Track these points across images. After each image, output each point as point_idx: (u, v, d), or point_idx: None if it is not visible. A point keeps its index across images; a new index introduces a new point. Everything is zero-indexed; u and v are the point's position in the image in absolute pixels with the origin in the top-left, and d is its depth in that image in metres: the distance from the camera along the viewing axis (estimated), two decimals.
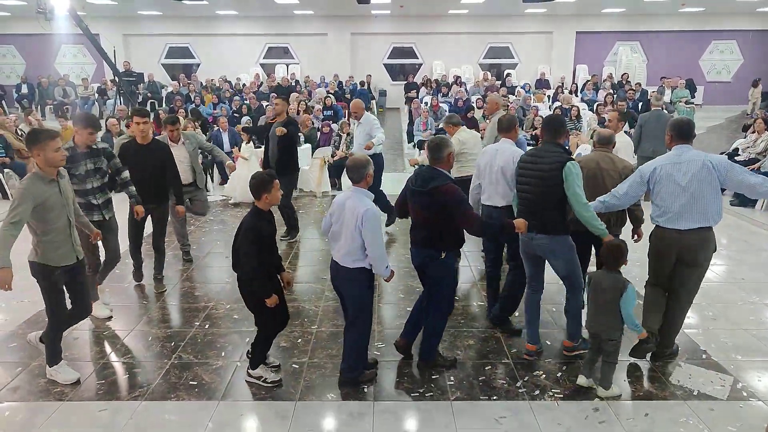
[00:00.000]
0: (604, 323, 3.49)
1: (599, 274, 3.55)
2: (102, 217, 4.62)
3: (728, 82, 19.32)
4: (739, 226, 7.43)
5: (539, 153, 3.78)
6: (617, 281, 3.44)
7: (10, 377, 3.81)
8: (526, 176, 3.79)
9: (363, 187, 3.47)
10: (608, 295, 3.45)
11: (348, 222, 3.38)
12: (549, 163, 3.64)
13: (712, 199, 3.61)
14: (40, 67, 18.23)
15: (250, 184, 3.44)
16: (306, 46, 19.40)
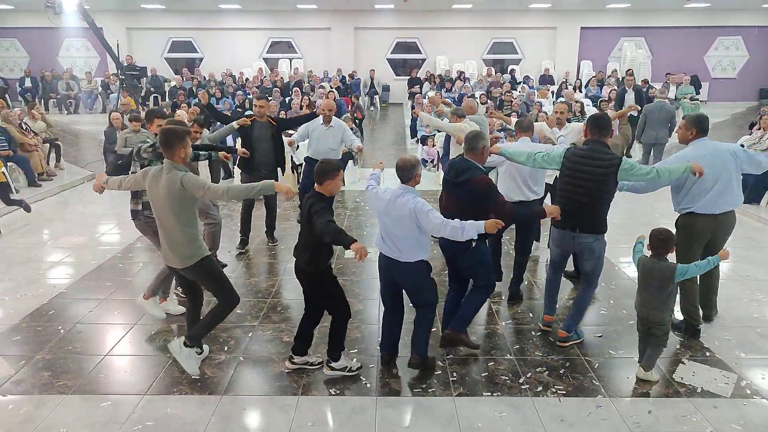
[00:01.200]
0: (655, 308, 3.60)
1: (648, 261, 3.65)
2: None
3: (733, 78, 19.22)
4: (743, 222, 7.40)
5: (590, 154, 3.82)
6: (666, 267, 3.57)
7: (14, 370, 3.82)
8: (578, 177, 3.82)
9: (412, 186, 3.53)
10: (657, 281, 3.56)
11: (403, 218, 3.43)
12: (605, 166, 3.73)
13: (737, 185, 4.10)
14: (44, 61, 18.21)
15: (317, 169, 3.45)
16: (309, 40, 19.35)
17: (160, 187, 3.40)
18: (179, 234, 3.45)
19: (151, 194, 3.48)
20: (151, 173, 3.48)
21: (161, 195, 3.40)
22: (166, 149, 3.42)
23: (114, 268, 5.76)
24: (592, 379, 3.73)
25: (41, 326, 4.47)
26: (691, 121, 4.27)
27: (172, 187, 3.35)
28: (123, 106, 11.53)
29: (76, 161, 11.20)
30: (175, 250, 3.50)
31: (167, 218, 3.44)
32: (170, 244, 3.50)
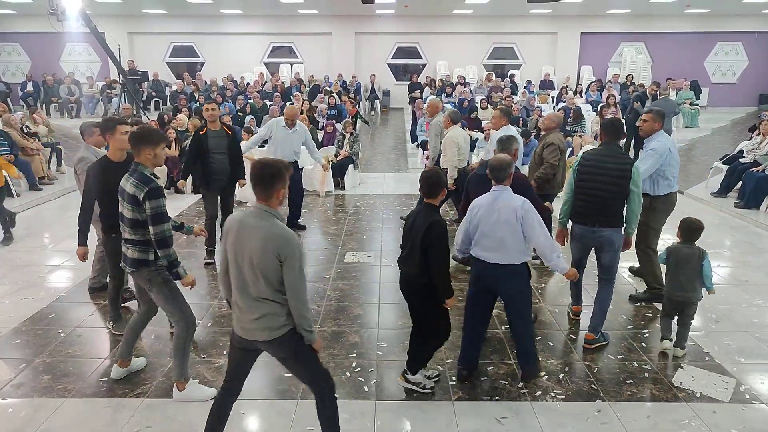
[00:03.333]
0: (690, 289, 3.98)
1: (679, 248, 4.04)
2: None
3: (733, 83, 19.25)
4: (742, 227, 7.41)
5: (608, 154, 4.12)
6: (699, 251, 4.00)
7: (14, 374, 3.83)
8: (598, 176, 4.07)
9: (507, 185, 3.56)
10: (691, 264, 3.97)
11: (506, 219, 3.43)
12: (622, 165, 4.03)
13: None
14: (46, 65, 18.28)
15: (428, 181, 3.32)
16: (310, 45, 19.41)
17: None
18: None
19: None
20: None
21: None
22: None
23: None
24: (591, 383, 3.73)
25: (41, 330, 4.48)
26: (657, 115, 4.85)
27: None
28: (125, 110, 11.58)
29: None
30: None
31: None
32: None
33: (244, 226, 2.58)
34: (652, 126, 4.83)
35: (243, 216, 2.63)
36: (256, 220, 2.56)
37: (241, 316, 2.65)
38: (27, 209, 8.31)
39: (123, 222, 3.33)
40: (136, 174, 3.24)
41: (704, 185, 9.37)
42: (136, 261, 3.35)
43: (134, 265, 3.36)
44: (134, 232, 3.29)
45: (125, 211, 3.27)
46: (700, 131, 14.89)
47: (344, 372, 3.86)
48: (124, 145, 3.85)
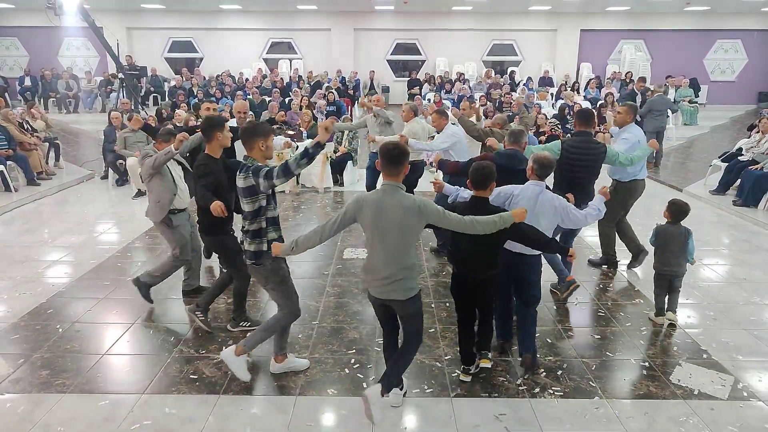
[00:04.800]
0: (680, 264, 4.44)
1: (667, 228, 4.48)
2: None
3: (732, 81, 19.26)
4: (740, 225, 7.42)
5: (585, 143, 4.84)
6: (684, 230, 4.45)
7: (12, 369, 3.82)
8: (581, 162, 4.79)
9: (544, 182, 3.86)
10: (679, 242, 4.41)
11: (545, 212, 3.73)
12: (597, 150, 4.82)
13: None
14: (44, 60, 18.21)
15: (480, 173, 3.38)
16: (309, 41, 19.37)
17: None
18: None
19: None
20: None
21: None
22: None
23: (113, 268, 5.76)
24: (590, 380, 3.74)
25: (40, 325, 4.47)
26: (630, 108, 5.49)
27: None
28: (123, 105, 11.55)
29: (75, 160, 11.20)
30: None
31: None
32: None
33: (383, 204, 2.99)
34: (625, 118, 5.42)
35: (378, 196, 3.02)
36: (391, 197, 2.98)
37: (385, 280, 3.06)
38: (25, 204, 8.29)
39: (245, 217, 3.44)
40: (245, 168, 3.32)
41: (703, 183, 9.38)
42: (254, 253, 3.45)
43: (253, 257, 3.46)
44: (251, 222, 3.42)
45: (245, 205, 3.37)
46: (699, 129, 14.90)
47: (343, 368, 3.86)
48: (227, 143, 4.11)
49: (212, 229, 4.16)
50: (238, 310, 4.41)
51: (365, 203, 3.03)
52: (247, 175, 3.30)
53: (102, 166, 10.10)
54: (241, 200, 3.40)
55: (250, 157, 3.38)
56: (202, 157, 4.06)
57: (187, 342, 4.22)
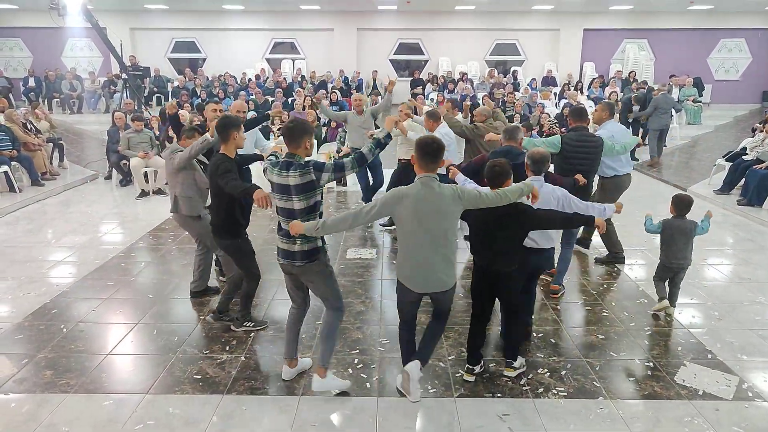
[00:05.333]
0: (685, 257, 4.56)
1: (673, 222, 4.59)
2: None
3: (737, 80, 19.18)
4: (745, 225, 7.39)
5: (583, 137, 5.14)
6: (690, 223, 4.55)
7: (16, 369, 3.83)
8: (582, 155, 5.06)
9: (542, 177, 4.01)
10: (685, 235, 4.52)
11: (549, 205, 3.84)
12: (596, 143, 5.13)
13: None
14: (47, 61, 18.25)
15: (493, 171, 3.44)
16: (312, 41, 19.36)
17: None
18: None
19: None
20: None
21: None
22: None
23: (116, 268, 5.77)
24: (594, 380, 3.73)
25: (44, 325, 4.49)
26: (607, 105, 5.85)
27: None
28: (126, 105, 11.58)
29: (79, 161, 11.23)
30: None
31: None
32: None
33: (425, 195, 3.06)
34: (601, 115, 5.78)
35: (418, 188, 3.08)
36: (429, 189, 3.07)
37: (429, 270, 3.16)
38: (29, 205, 8.32)
39: (292, 217, 3.25)
40: (294, 165, 3.21)
41: (707, 182, 9.35)
42: (308, 252, 3.33)
43: (307, 257, 3.34)
44: (305, 219, 3.25)
45: (295, 203, 3.23)
46: (703, 128, 14.85)
47: (346, 368, 3.86)
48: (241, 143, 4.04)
49: (230, 232, 4.07)
50: (243, 310, 4.38)
51: (406, 196, 3.08)
52: (305, 171, 3.18)
53: (106, 167, 10.13)
54: (292, 199, 3.23)
55: (296, 154, 3.25)
56: (220, 155, 3.91)
57: (191, 342, 4.22)
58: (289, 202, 3.25)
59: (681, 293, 4.91)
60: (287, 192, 3.24)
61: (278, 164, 3.27)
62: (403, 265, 3.25)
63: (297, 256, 3.35)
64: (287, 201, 3.25)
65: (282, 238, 3.38)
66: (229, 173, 3.79)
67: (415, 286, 3.24)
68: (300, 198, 3.22)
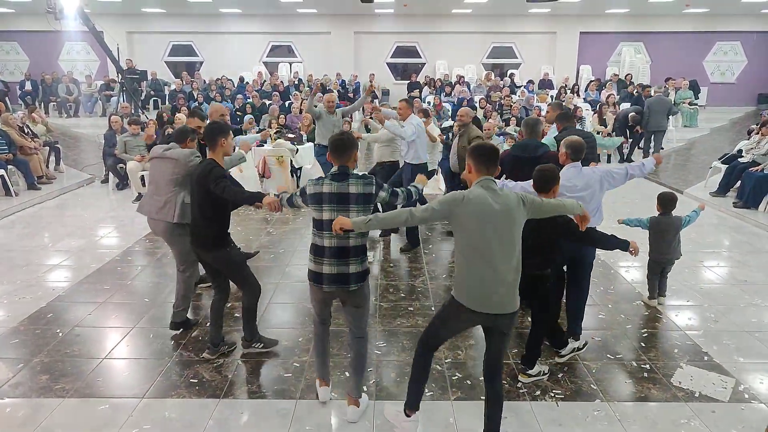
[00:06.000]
0: (669, 252, 4.82)
1: (660, 219, 4.82)
2: None
3: (732, 83, 19.26)
4: (741, 227, 7.41)
5: (579, 135, 4.98)
6: (676, 219, 4.80)
7: (12, 373, 3.82)
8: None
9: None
10: (673, 231, 4.78)
11: (594, 185, 4.00)
12: (591, 139, 5.10)
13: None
14: (44, 64, 18.24)
15: (542, 176, 3.44)
16: (309, 44, 19.38)
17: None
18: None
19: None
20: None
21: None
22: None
23: (113, 272, 5.76)
24: (591, 383, 3.73)
25: (39, 329, 4.47)
26: (556, 106, 5.86)
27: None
28: (123, 108, 11.57)
29: (76, 164, 11.22)
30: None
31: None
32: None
33: (490, 199, 2.75)
34: (554, 115, 5.80)
35: (481, 191, 2.77)
36: (493, 192, 2.78)
37: (501, 288, 2.76)
38: (25, 208, 8.30)
39: (347, 229, 2.95)
40: (352, 176, 3.06)
41: (703, 185, 9.38)
42: (362, 274, 3.12)
43: (361, 279, 3.12)
44: (362, 236, 3.08)
45: (351, 214, 2.98)
46: (699, 131, 14.91)
47: (343, 371, 3.85)
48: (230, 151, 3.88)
49: (217, 243, 3.76)
50: (248, 328, 4.03)
51: (469, 200, 2.75)
52: (368, 182, 3.03)
53: (102, 170, 10.11)
54: (349, 209, 3.00)
55: (347, 166, 3.10)
56: (209, 161, 3.71)
57: (187, 346, 4.21)
58: (344, 213, 2.98)
59: (677, 296, 4.99)
60: (345, 201, 3.00)
61: (326, 178, 3.07)
62: (463, 282, 2.83)
63: (352, 279, 3.07)
64: (342, 212, 2.99)
65: (330, 259, 3.07)
66: (224, 179, 3.61)
67: (480, 305, 2.79)
68: (359, 208, 3.00)
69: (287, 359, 4.01)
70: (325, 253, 3.08)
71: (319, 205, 3.06)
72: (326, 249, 3.08)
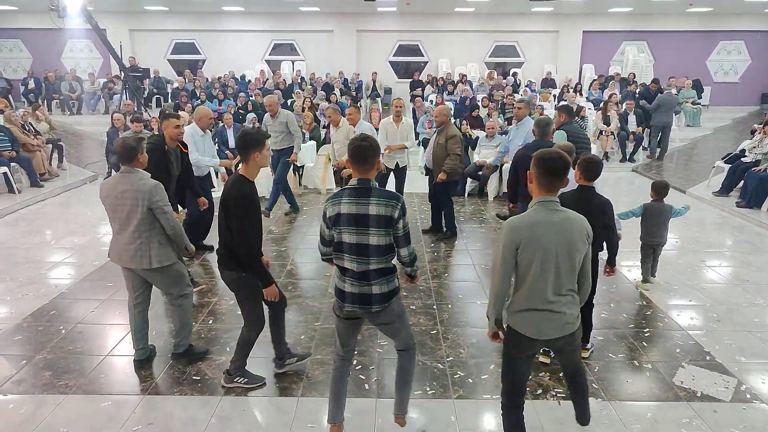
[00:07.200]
0: (659, 235, 5.27)
1: (653, 205, 5.26)
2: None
3: (735, 82, 19.20)
4: (744, 227, 7.40)
5: (577, 129, 5.91)
6: (667, 206, 5.26)
7: (15, 370, 3.83)
8: (581, 144, 5.56)
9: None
10: (664, 216, 5.23)
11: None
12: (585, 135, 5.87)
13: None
14: (47, 62, 18.25)
15: (596, 165, 3.71)
16: (312, 42, 19.37)
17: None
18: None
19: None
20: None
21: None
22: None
23: (115, 269, 5.74)
24: (592, 382, 3.73)
25: (42, 326, 4.49)
26: (527, 104, 6.72)
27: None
28: (126, 106, 11.58)
29: (79, 162, 11.24)
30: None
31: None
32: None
33: (546, 224, 2.54)
34: (525, 112, 6.51)
35: (539, 218, 2.56)
36: (555, 213, 2.57)
37: (554, 315, 2.61)
38: (28, 206, 8.32)
39: (366, 254, 2.78)
40: (374, 192, 2.77)
41: (706, 184, 9.36)
42: (387, 294, 2.86)
43: (386, 299, 2.87)
44: (386, 259, 2.83)
45: (372, 238, 2.75)
46: (702, 130, 14.87)
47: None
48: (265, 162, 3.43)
49: (237, 263, 3.35)
50: (237, 361, 3.65)
51: (533, 224, 2.55)
52: (393, 204, 2.73)
53: (105, 168, 10.12)
54: (368, 232, 2.75)
55: (369, 179, 2.81)
56: (239, 178, 3.28)
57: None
58: (363, 237, 2.75)
59: (679, 295, 5.02)
60: (364, 224, 2.74)
61: (344, 194, 2.79)
62: (522, 306, 2.66)
63: (375, 300, 2.85)
64: (361, 235, 2.75)
65: (351, 280, 2.85)
66: (248, 218, 3.23)
67: (539, 331, 2.66)
68: (380, 233, 2.74)
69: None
70: (347, 273, 2.87)
71: (338, 227, 2.80)
72: (348, 270, 2.86)
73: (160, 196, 3.56)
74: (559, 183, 2.58)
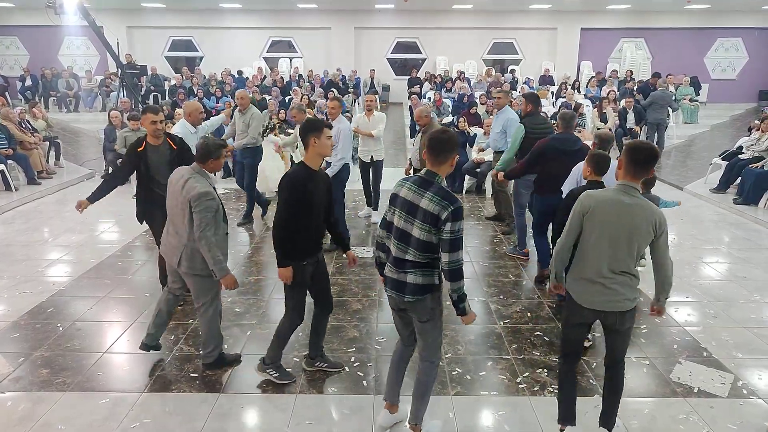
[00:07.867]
0: None
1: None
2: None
3: (733, 80, 19.23)
4: (741, 224, 7.42)
5: (539, 119, 5.80)
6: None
7: (12, 367, 3.83)
8: (538, 133, 5.42)
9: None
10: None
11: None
12: (548, 123, 5.92)
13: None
14: (44, 59, 18.19)
15: (607, 161, 3.78)
16: (309, 39, 19.35)
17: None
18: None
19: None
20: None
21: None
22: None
23: (113, 266, 5.77)
24: (590, 378, 3.74)
25: (40, 323, 4.48)
26: (506, 94, 6.69)
27: None
28: (123, 104, 11.55)
29: (76, 159, 11.21)
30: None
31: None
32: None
33: (616, 203, 2.73)
34: (505, 101, 6.53)
35: (610, 195, 2.77)
36: (629, 197, 2.74)
37: (606, 290, 2.84)
38: (26, 203, 8.30)
39: (407, 243, 2.77)
40: (434, 187, 2.72)
41: (703, 181, 9.37)
42: (421, 287, 2.80)
43: (419, 292, 2.81)
44: (424, 256, 2.77)
45: (415, 230, 2.73)
46: (699, 127, 14.89)
47: (343, 366, 3.86)
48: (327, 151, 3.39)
49: (285, 253, 3.39)
50: (273, 351, 3.66)
51: (605, 200, 2.75)
52: (446, 204, 2.65)
53: (102, 165, 10.11)
54: (414, 222, 2.73)
55: (438, 174, 2.76)
56: (301, 165, 3.32)
57: (187, 340, 4.22)
58: (409, 225, 2.75)
59: (677, 292, 4.97)
60: (413, 214, 2.73)
61: (412, 178, 2.83)
62: (579, 275, 2.90)
63: (408, 290, 2.81)
64: (407, 223, 2.75)
65: (390, 265, 2.88)
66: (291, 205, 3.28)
67: (588, 300, 2.89)
68: (424, 228, 2.69)
69: (287, 354, 3.99)
70: (389, 258, 2.90)
71: (393, 207, 2.85)
72: (390, 255, 2.89)
73: (204, 206, 3.42)
74: (643, 172, 2.75)
